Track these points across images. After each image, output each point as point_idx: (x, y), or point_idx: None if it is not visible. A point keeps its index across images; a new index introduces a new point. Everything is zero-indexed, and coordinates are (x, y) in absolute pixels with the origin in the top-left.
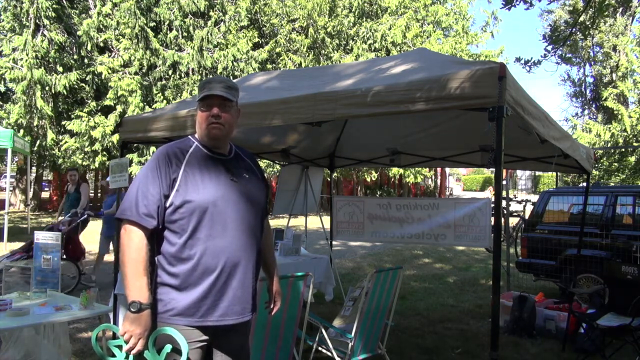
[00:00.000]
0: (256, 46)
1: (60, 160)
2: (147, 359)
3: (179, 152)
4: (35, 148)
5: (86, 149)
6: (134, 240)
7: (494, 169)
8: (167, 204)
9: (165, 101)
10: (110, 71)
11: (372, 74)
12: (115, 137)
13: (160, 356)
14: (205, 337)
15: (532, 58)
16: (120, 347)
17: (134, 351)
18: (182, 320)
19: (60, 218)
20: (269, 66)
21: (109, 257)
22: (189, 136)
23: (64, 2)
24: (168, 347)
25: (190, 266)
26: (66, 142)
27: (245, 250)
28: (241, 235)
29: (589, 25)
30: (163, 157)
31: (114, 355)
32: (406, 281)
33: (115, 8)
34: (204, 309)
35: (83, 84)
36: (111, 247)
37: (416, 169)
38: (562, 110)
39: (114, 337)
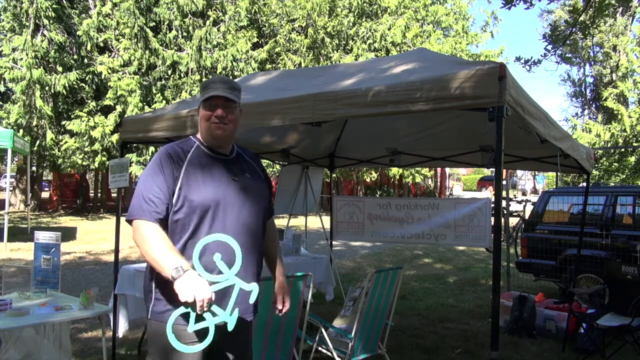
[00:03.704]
0: (255, 46)
1: (60, 160)
2: (217, 313)
3: (181, 151)
4: (35, 148)
5: (86, 149)
6: (148, 229)
7: (494, 169)
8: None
9: (164, 101)
10: (110, 71)
11: (372, 74)
12: (115, 137)
13: (226, 311)
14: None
15: (532, 57)
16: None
17: (206, 302)
18: (184, 320)
19: None
20: (268, 66)
21: (110, 257)
22: (190, 136)
23: (64, 2)
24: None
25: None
26: (66, 142)
27: (246, 250)
28: (242, 235)
29: (589, 25)
30: (165, 156)
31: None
32: (406, 281)
33: (115, 8)
34: None
35: (83, 84)
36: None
37: (416, 169)
38: (562, 110)
39: (113, 339)
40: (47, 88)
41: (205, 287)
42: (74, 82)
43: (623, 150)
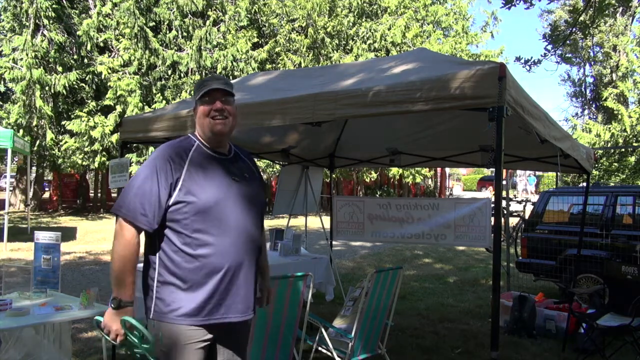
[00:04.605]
0: (255, 46)
1: (60, 160)
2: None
3: (182, 151)
4: (35, 148)
5: (86, 149)
6: (125, 237)
7: (494, 169)
8: (170, 203)
9: (164, 101)
10: (110, 71)
11: (372, 74)
12: (115, 137)
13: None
14: (209, 336)
15: (532, 57)
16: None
17: (116, 342)
18: (187, 320)
19: None
20: (268, 66)
21: (109, 257)
22: (189, 135)
23: (64, 2)
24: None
25: (195, 266)
26: (66, 142)
27: (248, 250)
28: (244, 234)
29: (589, 25)
30: (165, 157)
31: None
32: (406, 281)
33: (115, 8)
34: (209, 307)
35: (83, 84)
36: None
37: (416, 169)
38: (562, 110)
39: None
40: (47, 88)
41: (120, 337)
42: (74, 82)
43: (623, 150)
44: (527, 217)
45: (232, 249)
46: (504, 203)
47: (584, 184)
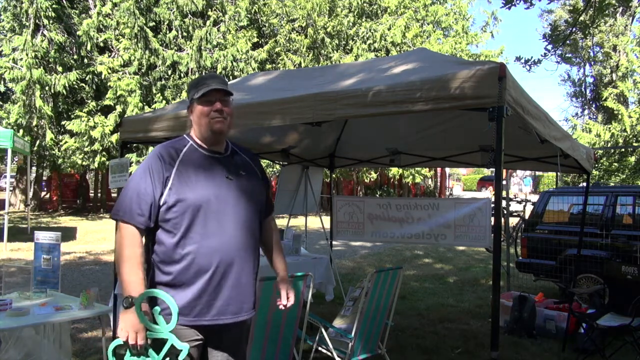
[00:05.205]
0: (255, 46)
1: (60, 160)
2: (149, 356)
3: (173, 151)
4: (35, 148)
5: (86, 149)
6: (127, 238)
7: (494, 169)
8: (161, 203)
9: (164, 101)
10: (110, 71)
11: (372, 74)
12: (115, 137)
13: (159, 356)
14: (200, 337)
15: (532, 57)
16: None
17: (139, 343)
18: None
19: None
20: (268, 66)
21: (110, 257)
22: (184, 135)
23: (64, 2)
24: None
25: (183, 266)
26: (66, 142)
27: (241, 249)
28: (237, 233)
29: (589, 25)
30: (156, 157)
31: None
32: (406, 281)
33: (115, 8)
34: (199, 308)
35: (83, 84)
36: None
37: (416, 169)
38: (562, 110)
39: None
40: (47, 88)
41: (141, 334)
42: (74, 82)
43: (623, 150)
44: (527, 217)
45: (222, 249)
46: (504, 203)
47: (584, 184)
